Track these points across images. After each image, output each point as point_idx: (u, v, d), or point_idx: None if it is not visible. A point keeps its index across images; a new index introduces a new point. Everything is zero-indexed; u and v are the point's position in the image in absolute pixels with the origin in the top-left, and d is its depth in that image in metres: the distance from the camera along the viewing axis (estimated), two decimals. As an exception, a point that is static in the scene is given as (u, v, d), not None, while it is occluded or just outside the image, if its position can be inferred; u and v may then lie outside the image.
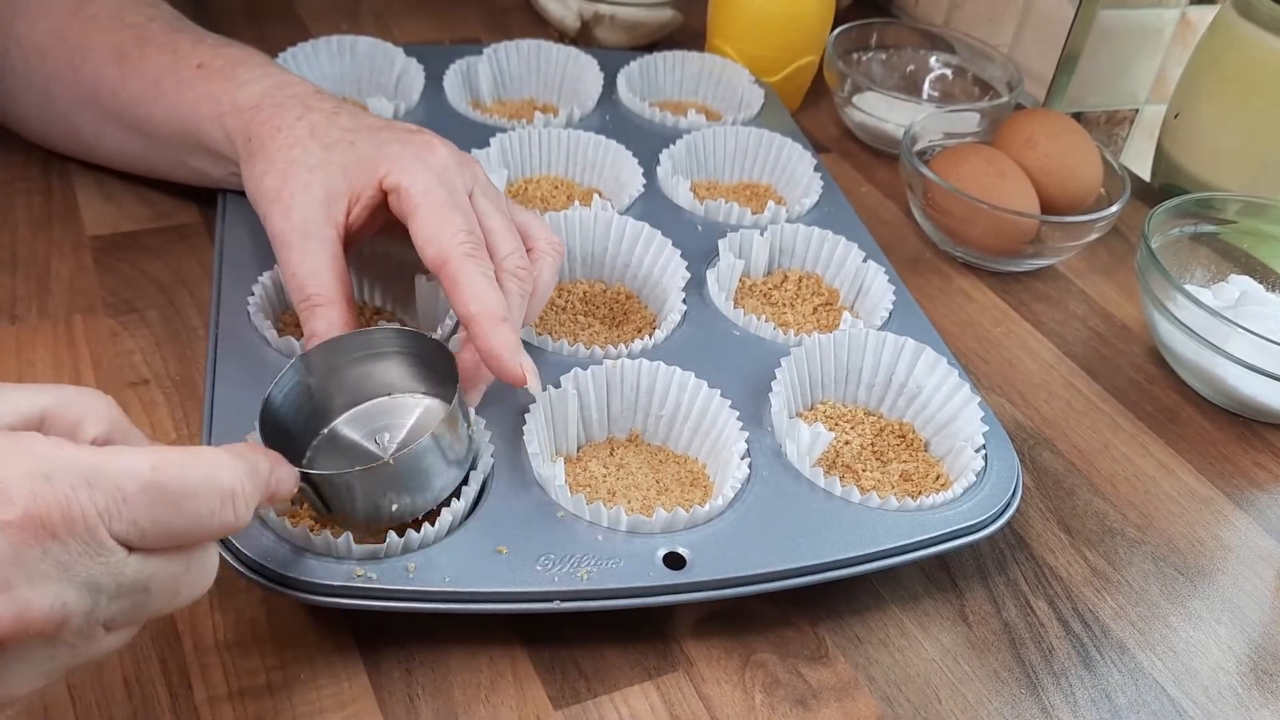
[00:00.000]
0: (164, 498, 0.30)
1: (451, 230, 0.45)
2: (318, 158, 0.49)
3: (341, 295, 0.46)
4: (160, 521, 0.30)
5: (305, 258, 0.47)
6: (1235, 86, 0.73)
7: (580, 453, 0.49)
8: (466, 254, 0.45)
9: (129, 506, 0.29)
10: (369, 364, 0.45)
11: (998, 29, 0.89)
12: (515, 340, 0.44)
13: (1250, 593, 0.50)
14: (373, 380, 0.45)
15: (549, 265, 0.49)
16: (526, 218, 0.51)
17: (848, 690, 0.43)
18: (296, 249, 0.47)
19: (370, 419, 0.45)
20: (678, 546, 0.43)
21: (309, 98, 0.52)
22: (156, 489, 0.30)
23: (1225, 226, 0.67)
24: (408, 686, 0.41)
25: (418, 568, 0.41)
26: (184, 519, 0.31)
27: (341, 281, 0.47)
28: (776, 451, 0.48)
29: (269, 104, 0.52)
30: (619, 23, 0.85)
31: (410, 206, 0.46)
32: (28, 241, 0.59)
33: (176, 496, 0.30)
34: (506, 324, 0.44)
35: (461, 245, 0.45)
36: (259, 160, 0.50)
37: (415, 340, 0.44)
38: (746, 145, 0.69)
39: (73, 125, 0.61)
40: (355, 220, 0.48)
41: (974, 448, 0.49)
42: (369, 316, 0.54)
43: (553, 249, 0.50)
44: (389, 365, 0.45)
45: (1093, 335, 0.65)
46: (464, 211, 0.46)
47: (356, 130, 0.50)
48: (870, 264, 0.59)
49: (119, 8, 0.59)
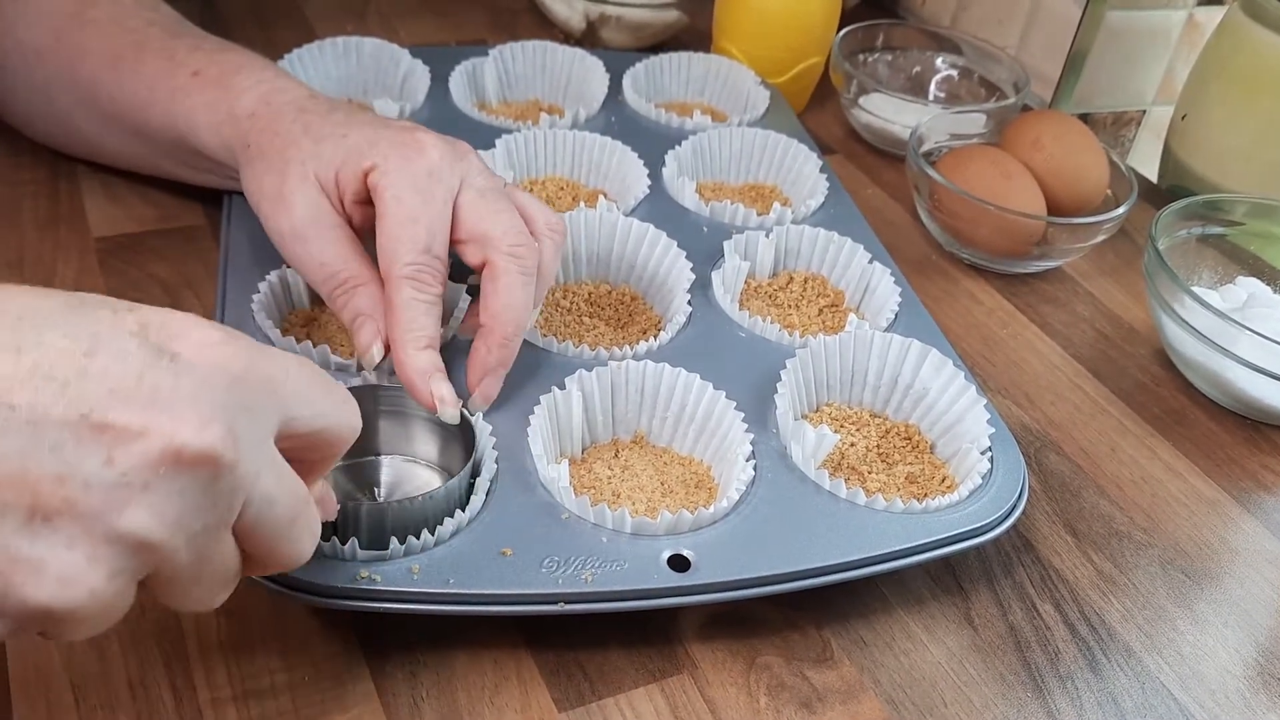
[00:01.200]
0: (315, 379, 0.34)
1: (405, 248, 0.46)
2: (309, 151, 0.49)
3: (372, 274, 0.47)
4: (313, 400, 0.33)
5: (326, 246, 0.47)
6: (1243, 88, 0.73)
7: (585, 454, 0.49)
8: (406, 276, 0.45)
9: (291, 379, 0.32)
10: (393, 422, 0.46)
11: (1004, 30, 0.89)
12: (430, 367, 0.45)
13: (1257, 596, 0.49)
14: (392, 439, 0.46)
15: (549, 248, 0.49)
16: (524, 200, 0.51)
17: (853, 693, 0.43)
18: (313, 241, 0.48)
19: (366, 473, 0.46)
20: (682, 549, 0.43)
21: (304, 101, 0.52)
22: (309, 370, 0.34)
23: (1233, 228, 0.66)
24: (412, 689, 0.41)
25: (422, 570, 0.41)
26: (330, 400, 0.34)
27: (367, 262, 0.48)
28: (782, 453, 0.48)
29: (265, 111, 0.52)
30: (625, 24, 0.85)
31: (379, 211, 0.47)
32: (34, 243, 0.59)
33: (323, 381, 0.34)
34: (425, 352, 0.45)
35: (406, 267, 0.45)
36: (257, 163, 0.50)
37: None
38: (752, 146, 0.69)
39: (74, 126, 0.61)
40: (350, 211, 0.49)
41: (980, 450, 0.49)
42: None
43: (551, 230, 0.50)
44: (412, 428, 0.46)
45: (1099, 337, 0.64)
46: (426, 227, 0.46)
47: (350, 124, 0.50)
48: (876, 265, 0.59)
49: (119, 11, 0.59)
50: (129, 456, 0.27)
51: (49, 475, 0.27)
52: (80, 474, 0.27)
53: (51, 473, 0.27)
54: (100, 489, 0.27)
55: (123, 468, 0.27)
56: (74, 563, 0.27)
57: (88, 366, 0.27)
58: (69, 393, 0.27)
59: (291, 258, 0.49)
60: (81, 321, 0.28)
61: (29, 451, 0.26)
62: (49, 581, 0.27)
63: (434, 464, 0.47)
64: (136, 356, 0.28)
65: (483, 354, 0.47)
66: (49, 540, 0.27)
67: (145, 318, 0.29)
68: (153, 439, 0.28)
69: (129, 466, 0.28)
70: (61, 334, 0.28)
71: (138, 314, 0.29)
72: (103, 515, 0.27)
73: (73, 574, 0.27)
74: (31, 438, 0.26)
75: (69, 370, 0.27)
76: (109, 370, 0.28)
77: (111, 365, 0.28)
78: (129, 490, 0.28)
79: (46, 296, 0.29)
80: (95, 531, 0.28)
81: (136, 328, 0.29)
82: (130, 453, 0.27)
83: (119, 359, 0.28)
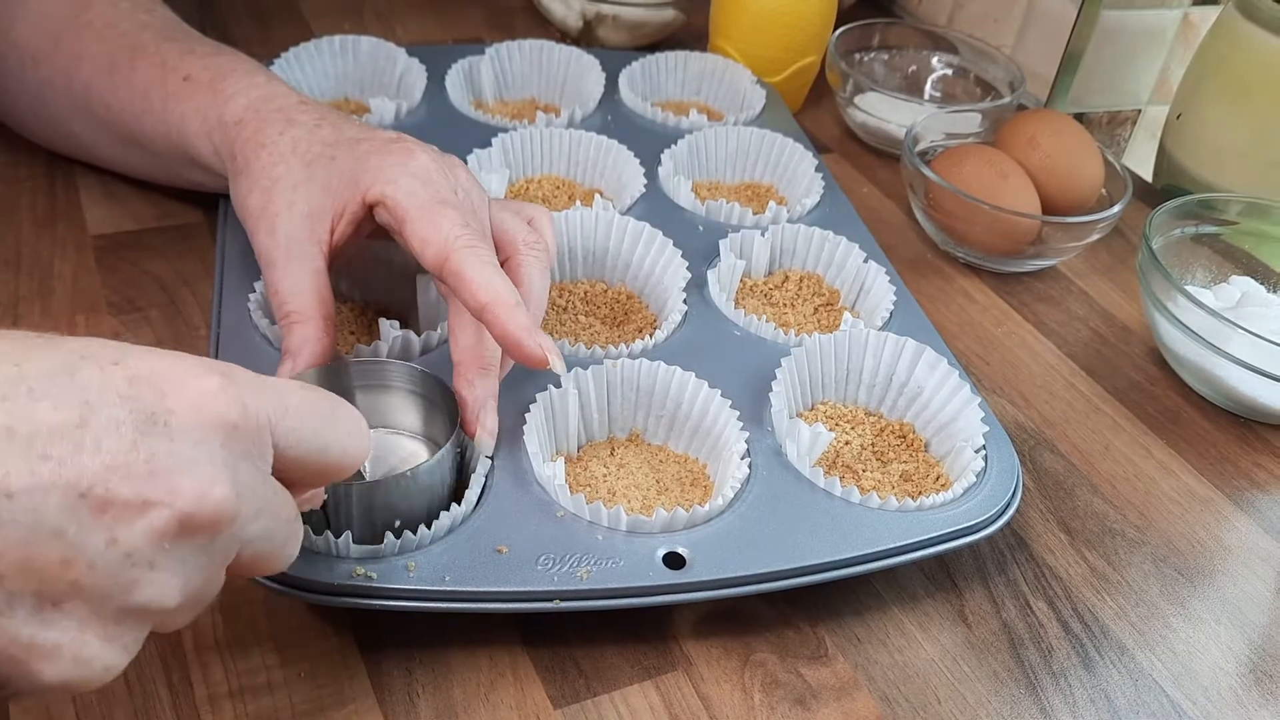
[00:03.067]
0: (318, 410, 0.33)
1: (446, 227, 0.44)
2: (300, 175, 0.48)
3: (319, 313, 0.46)
4: (315, 432, 0.33)
5: (287, 275, 0.47)
6: (1237, 87, 0.73)
7: (580, 452, 0.49)
8: (465, 246, 0.44)
9: (289, 415, 0.32)
10: (372, 395, 0.46)
11: (1000, 29, 0.89)
12: (531, 322, 0.43)
13: (1250, 593, 0.50)
14: (371, 412, 0.46)
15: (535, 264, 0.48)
16: (502, 216, 0.49)
17: (847, 690, 0.43)
18: (280, 267, 0.47)
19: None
20: (677, 546, 0.43)
21: (293, 110, 0.51)
22: (311, 400, 0.33)
23: (1227, 227, 0.67)
24: (407, 685, 0.41)
25: (418, 567, 0.41)
26: (334, 430, 0.34)
27: (321, 299, 0.47)
28: (777, 451, 0.48)
29: (253, 119, 0.51)
30: (621, 23, 0.85)
31: (399, 214, 0.46)
32: (31, 241, 0.59)
33: (328, 411, 0.34)
34: (519, 308, 0.43)
35: (459, 239, 0.44)
36: (244, 178, 0.50)
37: (424, 380, 0.45)
38: (748, 145, 0.69)
39: (70, 131, 0.61)
40: (340, 236, 0.48)
41: (974, 448, 0.49)
42: (371, 318, 0.54)
43: (530, 249, 0.48)
44: (392, 400, 0.46)
45: (1094, 336, 0.65)
46: (454, 206, 0.46)
47: (337, 144, 0.49)
48: (871, 264, 0.59)
49: (114, 15, 0.58)
50: (132, 535, 0.27)
51: (54, 560, 0.26)
52: (85, 556, 0.27)
53: (56, 558, 0.26)
54: (106, 570, 0.27)
55: (127, 547, 0.27)
56: (88, 644, 0.27)
57: (82, 440, 0.27)
58: (65, 473, 0.26)
59: (262, 274, 0.49)
60: (69, 387, 0.27)
61: (31, 539, 0.26)
62: (65, 664, 0.27)
63: (418, 434, 0.46)
64: (129, 424, 0.27)
65: (472, 405, 0.46)
66: (61, 625, 0.27)
67: (133, 369, 0.28)
68: (155, 513, 0.27)
69: (133, 546, 0.27)
70: (51, 405, 0.27)
71: (125, 367, 0.28)
72: (112, 595, 0.27)
73: (88, 655, 0.28)
74: (33, 524, 0.26)
75: (63, 448, 0.26)
76: (102, 443, 0.27)
77: (105, 438, 0.27)
78: (136, 569, 0.28)
79: (31, 356, 0.28)
80: (105, 612, 0.28)
81: (126, 387, 0.28)
82: (133, 531, 0.27)
83: (112, 429, 0.27)
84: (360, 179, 0.47)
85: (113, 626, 0.28)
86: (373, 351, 0.49)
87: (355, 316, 0.54)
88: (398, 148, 0.48)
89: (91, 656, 0.28)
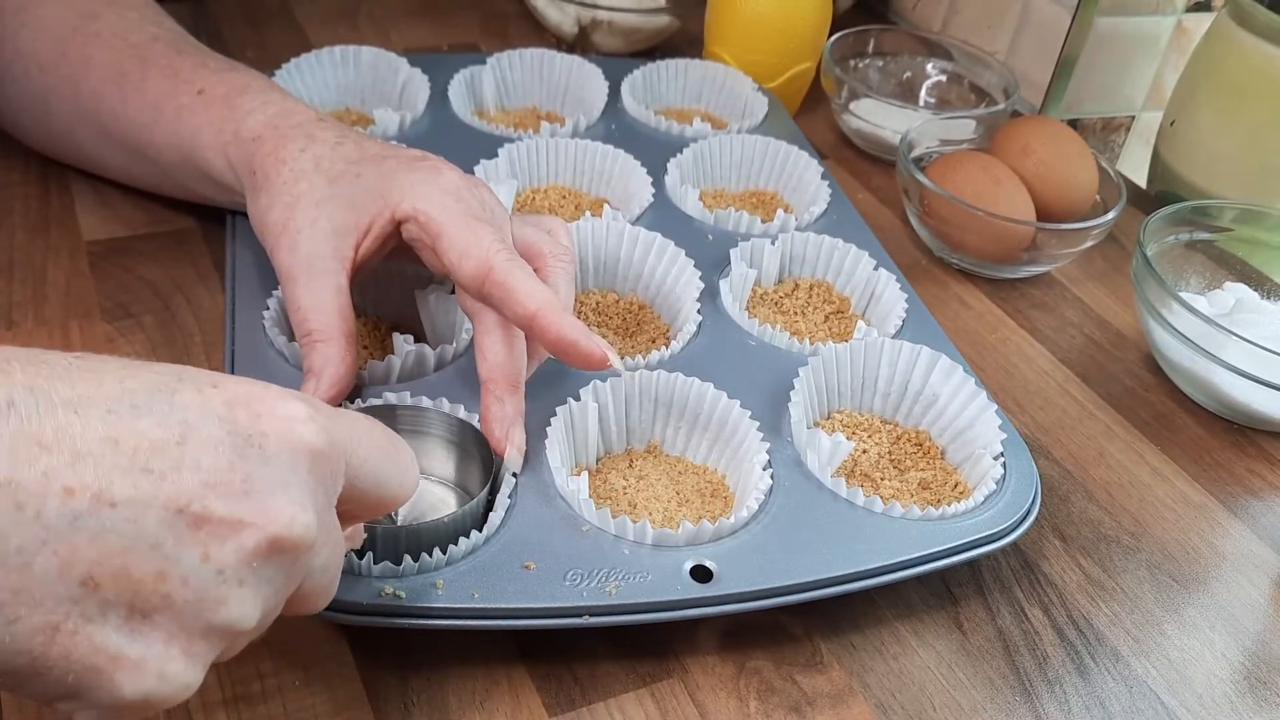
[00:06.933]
0: (382, 445, 0.34)
1: (485, 242, 0.45)
2: (323, 192, 0.48)
3: (341, 332, 0.46)
4: (378, 467, 0.33)
5: (309, 293, 0.47)
6: (1231, 94, 0.73)
7: (599, 464, 0.49)
8: (507, 259, 0.44)
9: (361, 447, 0.33)
10: (410, 440, 0.46)
11: (994, 36, 0.89)
12: (582, 325, 0.44)
13: (1245, 600, 0.50)
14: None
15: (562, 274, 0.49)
16: (524, 230, 0.50)
17: (842, 698, 0.43)
18: (301, 284, 0.47)
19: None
20: (704, 559, 0.43)
21: (312, 127, 0.51)
22: (377, 435, 0.34)
23: (1221, 234, 0.67)
24: (402, 694, 0.41)
25: (446, 585, 0.40)
26: (395, 468, 0.34)
27: (343, 317, 0.47)
28: (797, 462, 0.48)
29: (272, 135, 0.51)
30: (616, 28, 0.85)
31: (434, 229, 0.46)
32: (24, 247, 0.59)
33: (390, 446, 0.35)
34: (569, 312, 0.44)
35: (499, 253, 0.44)
36: (264, 194, 0.49)
37: (461, 430, 0.46)
38: (753, 153, 0.69)
39: (75, 141, 0.60)
40: (365, 253, 0.48)
41: (992, 455, 0.49)
42: (384, 333, 0.54)
43: (556, 259, 0.49)
44: (428, 445, 0.46)
45: (1088, 342, 0.65)
46: (488, 222, 0.46)
47: (361, 161, 0.49)
48: (881, 272, 0.59)
49: (123, 25, 0.58)
50: (225, 553, 0.28)
51: (150, 572, 0.27)
52: (179, 570, 0.27)
53: (152, 570, 0.27)
54: (197, 584, 0.27)
55: (219, 564, 0.28)
56: (172, 658, 0.28)
57: (182, 456, 0.27)
58: (165, 487, 0.27)
59: (282, 291, 0.49)
60: (170, 405, 0.28)
61: (130, 549, 0.26)
62: (148, 678, 0.27)
63: (449, 482, 0.47)
64: (227, 445, 0.28)
65: (499, 432, 0.46)
66: (148, 638, 0.27)
67: (230, 393, 0.29)
68: (247, 533, 0.28)
69: (225, 564, 0.28)
70: (154, 421, 0.28)
71: (222, 390, 0.29)
72: (200, 611, 0.28)
73: (171, 670, 0.28)
74: (133, 535, 0.26)
75: (165, 463, 0.27)
76: (201, 461, 0.28)
77: (204, 456, 0.28)
78: (225, 586, 0.28)
79: (132, 375, 0.28)
80: (192, 627, 0.28)
81: (224, 410, 0.29)
82: (226, 549, 0.28)
83: (210, 448, 0.28)
84: (389, 195, 0.47)
85: (197, 643, 0.28)
86: (386, 366, 0.49)
87: (368, 331, 0.54)
88: (425, 165, 0.49)
89: (174, 673, 0.28)
